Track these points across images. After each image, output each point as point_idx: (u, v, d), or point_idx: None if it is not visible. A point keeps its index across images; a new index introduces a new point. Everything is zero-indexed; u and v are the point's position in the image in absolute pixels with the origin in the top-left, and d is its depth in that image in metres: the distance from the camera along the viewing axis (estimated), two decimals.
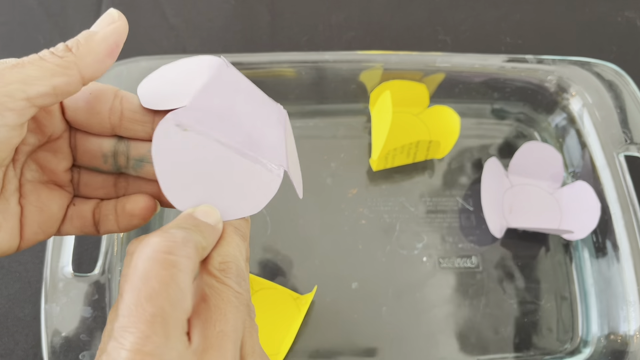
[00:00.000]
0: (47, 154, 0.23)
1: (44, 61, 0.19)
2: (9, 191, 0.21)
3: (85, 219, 0.24)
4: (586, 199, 0.41)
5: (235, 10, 0.53)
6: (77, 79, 0.19)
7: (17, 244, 0.22)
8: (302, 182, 0.26)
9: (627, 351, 0.37)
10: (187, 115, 0.21)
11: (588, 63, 0.44)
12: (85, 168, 0.24)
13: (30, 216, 0.22)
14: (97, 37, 0.20)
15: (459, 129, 0.44)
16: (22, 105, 0.18)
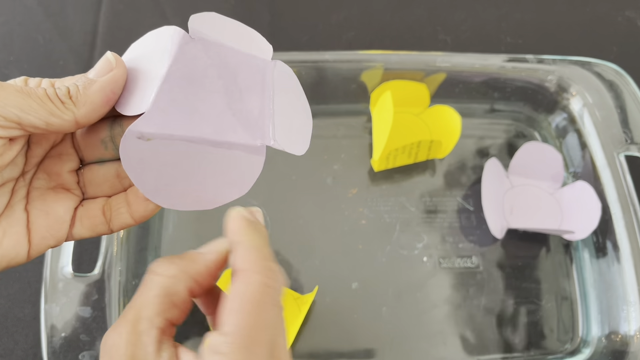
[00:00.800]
0: (53, 159, 0.24)
1: (47, 100, 0.20)
2: (15, 199, 0.22)
3: (96, 217, 0.24)
4: (587, 199, 0.41)
5: (235, 10, 0.53)
6: (72, 123, 0.21)
7: (26, 251, 0.22)
8: (310, 131, 0.24)
9: (627, 351, 0.37)
10: (148, 123, 0.20)
11: (588, 63, 0.44)
12: (91, 163, 0.24)
13: (36, 221, 0.22)
14: (95, 87, 0.21)
15: (460, 129, 0.44)
16: (13, 125, 0.19)
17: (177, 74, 0.21)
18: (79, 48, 0.50)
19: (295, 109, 0.24)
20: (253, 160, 0.22)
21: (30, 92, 0.20)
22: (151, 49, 0.22)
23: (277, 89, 0.23)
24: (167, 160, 0.21)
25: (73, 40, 0.51)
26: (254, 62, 0.23)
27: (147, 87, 0.21)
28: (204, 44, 0.22)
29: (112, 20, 0.52)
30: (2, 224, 0.22)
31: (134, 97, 0.21)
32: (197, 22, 0.23)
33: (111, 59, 0.21)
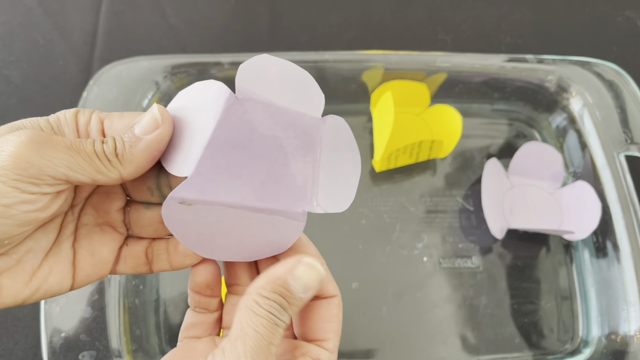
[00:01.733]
0: (101, 196, 0.24)
1: (95, 157, 0.20)
2: (64, 235, 0.23)
3: (139, 258, 0.25)
4: (587, 199, 0.41)
5: (235, 10, 0.53)
6: (117, 180, 0.21)
7: (70, 286, 0.23)
8: (357, 183, 0.25)
9: (627, 351, 0.37)
10: (190, 189, 0.21)
11: (588, 63, 0.44)
12: (138, 202, 0.25)
13: (82, 260, 0.23)
14: (141, 146, 0.21)
15: (461, 128, 0.44)
16: (61, 182, 0.20)
17: (221, 139, 0.21)
18: (79, 48, 0.50)
19: (344, 163, 0.24)
20: (294, 224, 0.23)
21: (79, 148, 0.20)
22: (197, 103, 0.22)
23: (325, 146, 0.23)
24: (208, 221, 0.22)
25: (73, 40, 0.51)
26: (304, 122, 0.23)
27: (192, 146, 0.21)
28: (250, 105, 0.22)
29: (112, 21, 0.52)
30: (49, 262, 0.22)
31: (178, 154, 0.22)
32: (246, 72, 0.22)
33: (157, 116, 0.21)
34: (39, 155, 0.19)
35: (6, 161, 0.19)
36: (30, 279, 0.22)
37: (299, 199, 0.23)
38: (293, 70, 0.23)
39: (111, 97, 0.40)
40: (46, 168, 0.19)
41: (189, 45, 0.51)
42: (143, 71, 0.41)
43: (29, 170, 0.19)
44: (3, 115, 0.47)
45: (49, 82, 0.48)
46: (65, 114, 0.22)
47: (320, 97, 0.24)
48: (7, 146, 0.19)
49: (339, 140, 0.24)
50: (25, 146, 0.19)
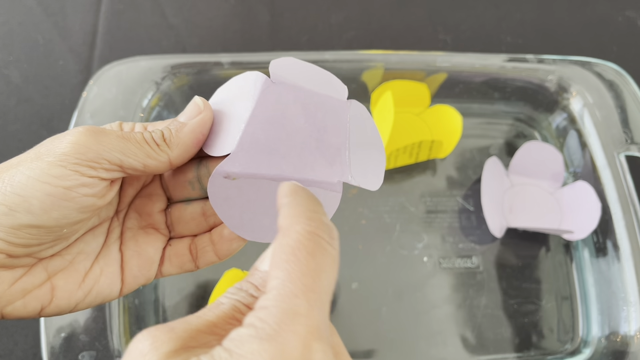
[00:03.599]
0: (143, 199, 0.25)
1: (145, 143, 0.22)
2: (111, 239, 0.24)
3: (183, 256, 0.25)
4: (587, 199, 0.41)
5: (234, 10, 0.53)
6: (167, 165, 0.22)
7: (119, 289, 0.24)
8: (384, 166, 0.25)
9: (627, 351, 0.37)
10: (233, 163, 0.22)
11: (588, 63, 0.44)
12: (179, 202, 0.26)
13: (129, 261, 0.24)
14: (186, 130, 0.23)
15: (461, 128, 0.44)
16: (115, 168, 0.21)
17: (260, 117, 0.23)
18: (79, 48, 0.50)
19: (369, 145, 0.25)
20: (330, 195, 0.24)
21: (129, 136, 0.22)
22: (235, 93, 0.24)
23: (352, 127, 0.25)
24: (250, 197, 0.23)
25: (73, 40, 0.50)
26: (331, 103, 0.24)
27: (232, 130, 0.23)
28: (284, 88, 0.24)
29: (112, 20, 0.52)
30: (100, 263, 0.23)
31: (219, 139, 0.23)
32: (277, 67, 0.24)
33: (199, 102, 0.23)
34: (96, 142, 0.21)
35: (66, 147, 0.20)
36: (83, 280, 0.23)
37: (334, 170, 0.24)
38: (317, 69, 0.25)
39: (111, 97, 0.40)
40: (103, 152, 0.21)
41: (188, 45, 0.51)
42: (143, 71, 0.41)
43: (87, 154, 0.20)
44: (3, 115, 0.47)
45: (49, 82, 0.48)
46: (111, 124, 0.23)
47: (343, 88, 0.25)
48: (67, 136, 0.21)
49: (362, 125, 0.25)
50: (83, 134, 0.21)
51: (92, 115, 0.39)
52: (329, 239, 0.17)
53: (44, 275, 0.22)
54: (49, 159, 0.20)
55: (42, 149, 0.21)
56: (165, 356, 0.15)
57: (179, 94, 0.43)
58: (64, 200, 0.20)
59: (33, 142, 0.45)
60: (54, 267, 0.22)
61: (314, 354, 0.14)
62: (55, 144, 0.21)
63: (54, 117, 0.47)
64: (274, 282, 0.16)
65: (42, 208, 0.20)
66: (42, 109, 0.47)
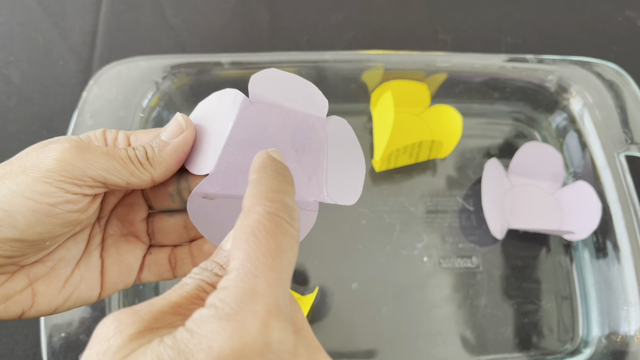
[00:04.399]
0: (125, 208, 0.26)
1: (129, 161, 0.22)
2: (92, 246, 0.25)
3: (163, 265, 0.26)
4: (587, 199, 0.41)
5: (235, 10, 0.53)
6: (149, 182, 0.23)
7: (98, 294, 0.24)
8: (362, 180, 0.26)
9: (627, 351, 0.37)
10: (211, 184, 0.23)
11: (588, 63, 0.44)
12: (160, 212, 0.27)
13: (110, 267, 0.25)
14: (169, 149, 0.23)
15: (461, 128, 0.44)
16: (99, 185, 0.22)
17: (238, 138, 0.23)
18: (79, 48, 0.50)
19: (349, 159, 0.26)
20: (307, 215, 0.24)
21: (114, 153, 0.22)
22: (215, 111, 0.24)
23: (332, 143, 0.25)
24: (228, 214, 0.23)
25: (73, 40, 0.51)
26: (310, 121, 0.25)
27: (211, 148, 0.23)
28: (262, 107, 0.24)
29: (112, 21, 0.52)
30: (80, 269, 0.24)
31: (200, 156, 0.24)
32: (256, 82, 0.24)
33: (181, 121, 0.23)
34: (81, 159, 0.21)
35: (52, 164, 0.20)
36: (64, 285, 0.23)
37: (310, 189, 0.24)
38: (298, 81, 0.25)
39: (111, 97, 0.40)
40: (87, 170, 0.21)
41: (188, 45, 0.51)
42: (143, 71, 0.41)
43: (73, 172, 0.21)
44: (3, 115, 0.47)
45: (49, 82, 0.48)
46: (94, 132, 0.24)
47: (324, 102, 0.25)
48: (52, 152, 0.21)
49: (343, 140, 0.26)
50: (68, 151, 0.21)
51: (92, 116, 0.39)
52: (289, 219, 0.17)
53: (26, 282, 0.22)
54: (35, 175, 0.20)
55: (27, 162, 0.21)
56: (129, 338, 0.15)
57: (179, 94, 0.43)
58: (47, 216, 0.20)
59: (33, 142, 0.45)
60: (36, 273, 0.23)
61: (273, 332, 0.15)
62: (41, 158, 0.21)
63: (54, 117, 0.47)
64: (235, 262, 0.16)
65: (26, 223, 0.20)
66: (42, 109, 0.47)
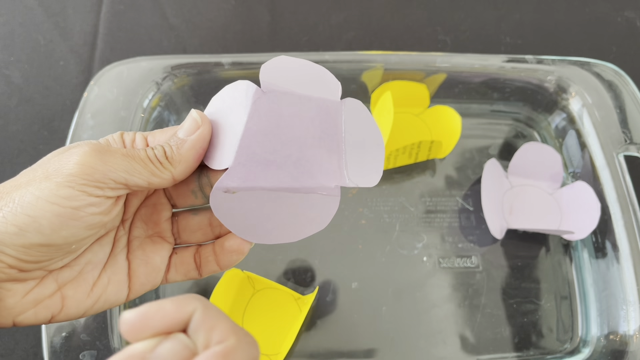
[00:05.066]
0: (148, 209, 0.26)
1: (149, 162, 0.22)
2: (118, 248, 0.25)
3: (189, 264, 0.26)
4: (586, 199, 0.41)
5: (235, 10, 0.53)
6: (170, 181, 0.23)
7: (126, 295, 0.25)
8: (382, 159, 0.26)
9: (626, 351, 0.37)
10: (232, 178, 0.23)
11: (588, 63, 0.44)
12: (185, 210, 0.27)
13: (137, 269, 0.25)
14: (187, 146, 0.23)
15: (460, 129, 0.44)
16: (120, 187, 0.22)
17: (254, 129, 0.23)
18: (80, 48, 0.50)
19: (367, 140, 0.25)
20: (329, 200, 0.24)
21: (134, 155, 0.22)
22: (229, 104, 0.24)
23: (348, 126, 0.25)
24: (252, 206, 0.23)
25: (73, 40, 0.51)
26: (325, 105, 0.25)
27: (228, 142, 0.23)
28: (275, 96, 0.24)
29: (112, 21, 0.52)
30: (107, 272, 0.24)
31: (218, 151, 0.24)
32: (267, 71, 0.24)
33: (197, 117, 0.23)
34: (102, 162, 0.21)
35: (73, 169, 0.21)
36: (92, 289, 0.24)
37: (331, 175, 0.24)
38: (309, 65, 0.25)
39: (112, 97, 0.40)
40: (108, 172, 0.21)
41: (189, 46, 0.51)
42: (143, 71, 0.41)
43: (94, 175, 0.21)
44: (3, 116, 0.47)
45: (50, 83, 0.49)
46: (112, 135, 0.24)
47: (336, 85, 0.25)
48: (73, 157, 0.21)
49: (359, 121, 0.25)
50: (89, 155, 0.21)
51: (93, 116, 0.39)
52: None
53: (54, 286, 0.23)
54: (58, 180, 0.21)
55: (50, 167, 0.21)
56: None
57: (179, 94, 0.43)
58: (72, 219, 0.21)
59: (34, 143, 0.46)
60: (64, 278, 0.23)
61: None
62: (63, 163, 0.21)
63: (54, 118, 0.47)
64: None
65: (51, 228, 0.20)
66: (43, 109, 0.47)
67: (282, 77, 0.24)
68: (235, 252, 0.25)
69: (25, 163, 0.45)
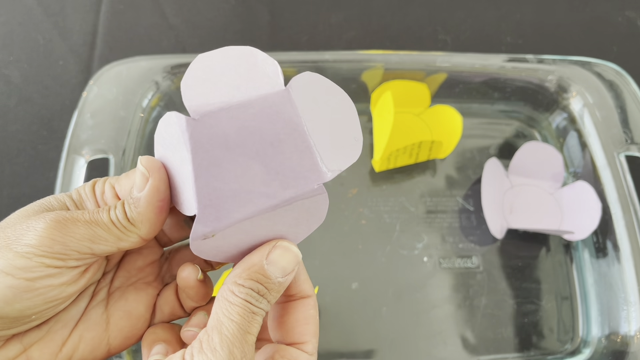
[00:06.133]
0: (133, 256, 0.24)
1: (112, 226, 0.21)
2: (95, 301, 0.23)
3: (174, 302, 0.24)
4: (587, 199, 0.41)
5: (235, 10, 0.53)
6: (140, 241, 0.21)
7: (106, 351, 0.23)
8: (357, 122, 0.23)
9: (627, 351, 0.36)
10: (204, 223, 0.20)
11: (588, 63, 0.44)
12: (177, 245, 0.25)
13: (118, 322, 0.23)
14: (142, 204, 0.21)
15: (461, 129, 0.44)
16: (87, 256, 0.21)
17: (204, 165, 0.20)
18: (79, 48, 0.50)
19: (334, 110, 0.22)
20: (318, 200, 0.22)
21: (97, 220, 0.21)
22: (169, 141, 0.21)
23: (306, 111, 0.22)
24: (239, 237, 0.21)
25: (73, 40, 0.51)
26: (271, 102, 0.22)
27: (187, 182, 0.21)
28: (210, 119, 0.21)
29: (112, 21, 0.52)
30: (79, 329, 0.22)
31: (183, 194, 0.21)
32: (189, 87, 0.21)
33: (143, 170, 0.21)
34: (62, 233, 0.20)
35: (32, 240, 0.19)
36: (60, 349, 0.22)
37: (307, 176, 0.22)
38: (232, 54, 0.22)
39: (111, 97, 0.40)
40: (70, 243, 0.20)
41: (188, 45, 0.51)
42: (143, 71, 0.41)
43: (54, 247, 0.20)
44: (3, 115, 0.47)
45: (49, 82, 0.48)
46: (84, 188, 0.22)
47: (274, 67, 0.22)
48: (33, 228, 0.20)
49: (317, 94, 0.22)
50: (49, 227, 0.20)
51: (93, 116, 0.39)
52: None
53: (19, 348, 0.21)
54: (17, 249, 0.19)
55: (10, 234, 0.20)
56: None
57: (179, 94, 0.43)
58: (26, 292, 0.19)
59: (33, 142, 0.45)
60: (30, 339, 0.22)
61: None
62: (23, 232, 0.20)
63: (54, 117, 0.47)
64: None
65: (3, 300, 0.19)
66: (42, 109, 0.47)
67: (208, 87, 0.21)
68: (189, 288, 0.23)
69: (24, 163, 0.45)
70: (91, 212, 0.21)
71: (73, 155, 0.38)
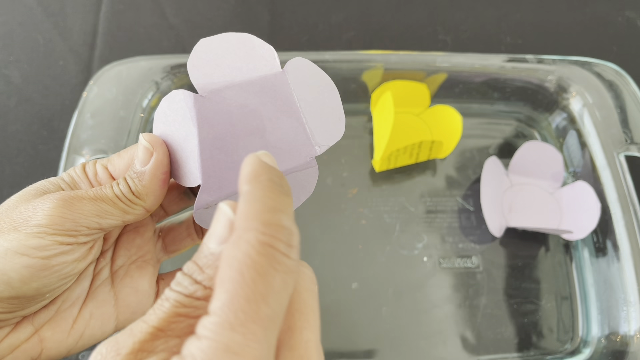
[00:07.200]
0: (130, 234, 0.25)
1: (117, 200, 0.22)
2: (99, 280, 0.24)
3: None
4: (586, 199, 0.41)
5: (235, 10, 0.53)
6: (144, 213, 0.23)
7: (114, 326, 0.24)
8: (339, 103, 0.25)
9: (627, 351, 0.37)
10: (207, 192, 0.22)
11: (588, 63, 0.44)
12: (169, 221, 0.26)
13: (126, 298, 0.24)
14: (147, 177, 0.22)
15: (461, 128, 0.44)
16: (95, 231, 0.21)
17: (209, 138, 0.22)
18: (79, 48, 0.50)
19: (320, 93, 0.24)
20: (308, 172, 0.24)
21: (102, 196, 0.22)
22: (173, 118, 0.23)
23: (299, 90, 0.24)
24: None
25: (73, 40, 0.51)
26: (270, 82, 0.24)
27: (191, 156, 0.23)
28: (217, 96, 0.23)
29: (112, 21, 0.52)
30: (88, 307, 0.23)
31: (184, 168, 0.23)
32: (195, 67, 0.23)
33: (147, 144, 0.22)
34: (71, 211, 0.20)
35: (43, 219, 0.20)
36: (72, 326, 0.23)
37: (300, 151, 0.24)
38: (232, 39, 0.24)
39: (111, 97, 0.40)
40: (79, 220, 0.21)
41: (189, 45, 0.51)
42: (143, 71, 0.41)
43: (65, 224, 0.20)
44: (3, 115, 0.47)
45: (49, 82, 0.48)
46: (75, 170, 0.23)
47: (270, 51, 0.24)
48: (40, 208, 0.20)
49: (305, 78, 0.24)
50: (57, 205, 0.20)
51: (93, 116, 0.39)
52: (285, 249, 0.15)
53: (31, 329, 0.22)
54: (27, 231, 0.20)
55: (16, 218, 0.20)
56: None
57: None
58: (42, 270, 0.20)
59: (33, 142, 0.45)
60: (40, 319, 0.22)
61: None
62: (30, 214, 0.20)
63: (54, 118, 0.47)
64: (216, 303, 0.14)
65: (21, 280, 0.20)
66: (43, 109, 0.47)
67: (213, 68, 0.23)
68: None
69: (24, 163, 0.45)
70: (95, 189, 0.22)
71: (73, 155, 0.38)
